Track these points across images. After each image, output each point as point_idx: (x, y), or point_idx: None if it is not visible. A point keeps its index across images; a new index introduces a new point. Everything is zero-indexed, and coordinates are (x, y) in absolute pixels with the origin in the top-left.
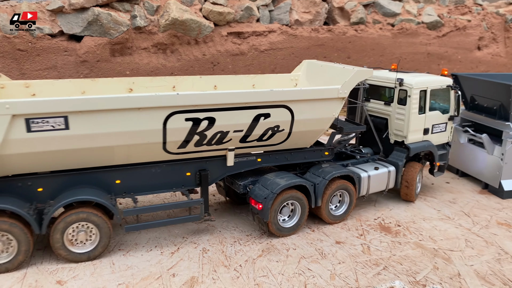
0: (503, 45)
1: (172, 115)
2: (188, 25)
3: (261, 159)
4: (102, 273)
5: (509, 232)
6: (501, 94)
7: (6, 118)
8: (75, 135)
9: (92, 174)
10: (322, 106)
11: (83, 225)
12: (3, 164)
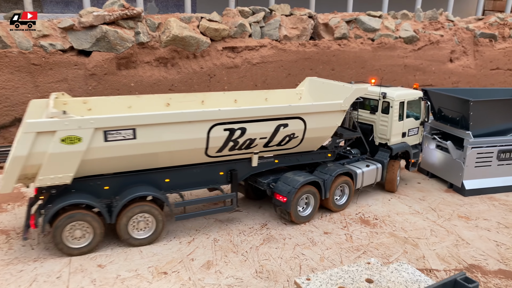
0: (473, 58)
1: (214, 126)
2: (188, 41)
3: (278, 161)
4: (133, 258)
5: (467, 223)
6: (462, 107)
7: (90, 131)
8: (140, 143)
9: (147, 175)
10: (328, 117)
11: (142, 215)
12: (84, 167)
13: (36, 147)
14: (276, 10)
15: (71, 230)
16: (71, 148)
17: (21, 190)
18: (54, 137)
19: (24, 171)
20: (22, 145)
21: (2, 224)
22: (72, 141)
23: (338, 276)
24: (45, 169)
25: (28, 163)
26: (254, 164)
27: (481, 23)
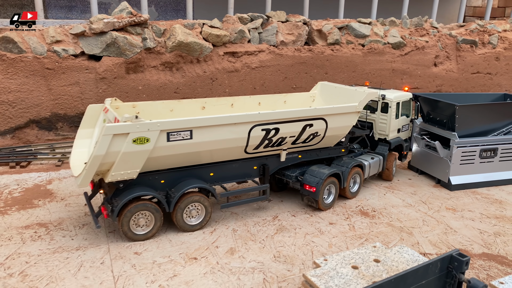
0: (455, 62)
1: (254, 127)
2: (192, 46)
3: (301, 156)
4: (164, 246)
5: (454, 214)
6: (449, 111)
7: (157, 133)
8: (195, 143)
9: (195, 170)
10: (345, 117)
11: (194, 204)
12: (148, 164)
13: (112, 147)
14: (273, 17)
15: (136, 218)
16: (140, 147)
17: (47, 187)
18: (127, 138)
19: (100, 168)
20: (102, 145)
21: (39, 218)
22: (142, 141)
23: (350, 257)
24: (117, 166)
25: (104, 161)
26: (282, 159)
27: (462, 30)
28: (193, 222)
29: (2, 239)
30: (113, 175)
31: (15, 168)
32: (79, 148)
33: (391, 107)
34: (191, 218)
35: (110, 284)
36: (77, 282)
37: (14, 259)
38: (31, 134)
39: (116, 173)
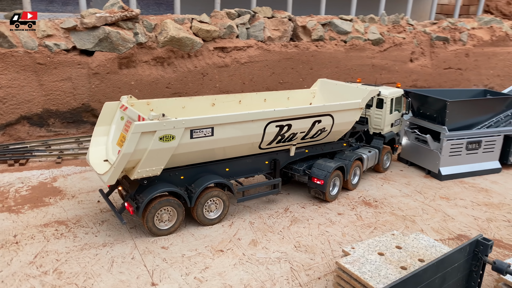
0: (429, 58)
1: (269, 123)
2: (184, 42)
3: (308, 151)
4: (188, 240)
5: (448, 203)
6: (439, 106)
7: (182, 130)
8: (216, 139)
9: (212, 165)
10: (350, 113)
11: (212, 199)
12: (172, 160)
13: (140, 145)
14: (259, 13)
15: (159, 214)
16: (166, 145)
17: (53, 185)
18: (154, 136)
19: (126, 166)
20: (130, 143)
21: (56, 216)
22: (167, 139)
23: (374, 245)
24: (144, 163)
25: (132, 158)
26: (292, 154)
27: (435, 27)
28: (212, 216)
29: (24, 237)
30: (139, 172)
31: (14, 166)
32: (96, 146)
33: (386, 103)
34: (210, 213)
35: (147, 278)
36: (114, 277)
37: (43, 257)
38: (22, 130)
39: (142, 170)
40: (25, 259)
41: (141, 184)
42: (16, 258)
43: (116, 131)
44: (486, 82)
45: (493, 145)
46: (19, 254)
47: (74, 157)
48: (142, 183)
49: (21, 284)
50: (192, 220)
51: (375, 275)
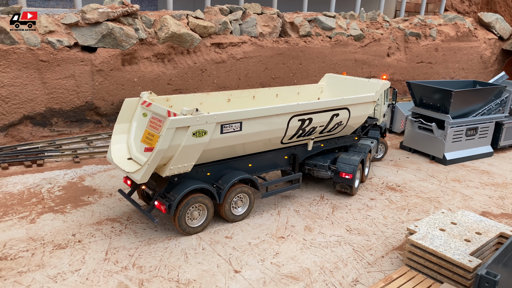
0: (404, 53)
1: (292, 117)
2: (184, 38)
3: (323, 145)
4: (246, 229)
5: (460, 184)
6: (444, 96)
7: (213, 125)
8: (244, 134)
9: (236, 161)
10: (364, 107)
11: (239, 195)
12: (203, 156)
13: (174, 141)
14: (249, 9)
15: (190, 211)
16: (199, 140)
17: (84, 184)
18: (188, 131)
19: (159, 163)
20: (165, 139)
21: (104, 214)
22: (200, 134)
23: (432, 222)
24: (176, 159)
25: (165, 155)
26: (310, 148)
27: (407, 23)
28: (239, 212)
29: (84, 236)
30: (171, 169)
31: (32, 167)
32: (117, 143)
33: (381, 94)
34: (237, 208)
35: (227, 266)
36: (196, 268)
37: (114, 253)
38: (25, 131)
39: (175, 166)
40: (97, 256)
41: (171, 182)
42: (88, 256)
43: (138, 128)
44: (452, 75)
45: (486, 131)
46: (88, 252)
47: (90, 156)
48: (172, 181)
49: (108, 280)
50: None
51: (447, 248)
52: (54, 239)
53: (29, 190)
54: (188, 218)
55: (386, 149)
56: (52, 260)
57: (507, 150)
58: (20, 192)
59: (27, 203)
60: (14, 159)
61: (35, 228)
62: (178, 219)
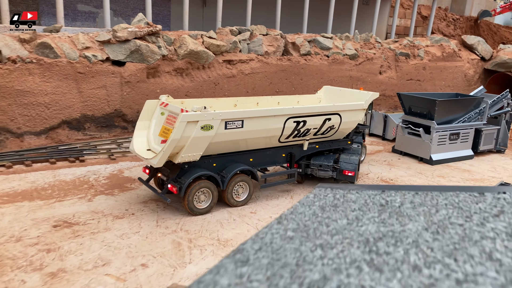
0: (395, 71)
1: (288, 119)
2: (201, 55)
3: (318, 146)
4: (267, 208)
5: (445, 179)
6: (429, 105)
7: (218, 121)
8: (245, 131)
9: (239, 155)
10: (354, 113)
11: (240, 184)
12: (208, 148)
13: (185, 132)
14: (255, 30)
15: (197, 195)
16: (206, 133)
17: (124, 175)
18: (197, 125)
19: (173, 151)
20: (178, 130)
21: (147, 196)
22: (207, 128)
23: None
24: (187, 149)
25: (178, 144)
26: (305, 149)
27: (397, 44)
28: (240, 199)
29: (135, 211)
30: (182, 157)
31: (75, 162)
32: (138, 137)
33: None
34: (239, 195)
35: (255, 231)
36: (231, 231)
37: (163, 222)
38: (63, 134)
39: (185, 155)
40: (150, 223)
41: (182, 168)
42: (142, 223)
43: (156, 124)
44: (439, 92)
45: (467, 136)
46: (141, 221)
47: (122, 154)
48: (183, 167)
49: (164, 239)
50: (258, 198)
51: None
52: (111, 212)
53: (79, 179)
54: (195, 201)
55: (365, 152)
56: (115, 225)
57: (486, 154)
58: (72, 180)
59: (81, 188)
60: (60, 155)
61: (93, 205)
62: (187, 201)
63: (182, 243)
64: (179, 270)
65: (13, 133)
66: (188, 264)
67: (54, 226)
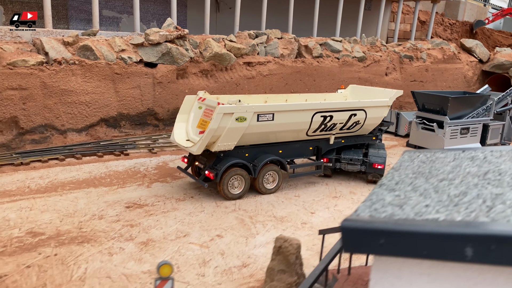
0: (399, 73)
1: (316, 114)
2: (224, 57)
3: (344, 141)
4: (307, 193)
5: None
6: (442, 102)
7: (251, 114)
8: (275, 123)
9: (269, 147)
10: (379, 110)
11: (270, 173)
12: (243, 139)
13: (221, 123)
14: (270, 34)
15: (231, 182)
16: (240, 124)
17: (169, 166)
18: (232, 117)
19: (210, 140)
20: (215, 121)
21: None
22: (241, 120)
23: None
24: (223, 138)
25: (215, 134)
26: (331, 142)
27: (401, 47)
28: (270, 187)
29: (193, 194)
30: (219, 146)
31: (120, 156)
32: (178, 129)
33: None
34: (268, 184)
35: (304, 210)
36: (283, 210)
37: (222, 203)
38: (101, 131)
39: (221, 144)
40: (211, 204)
41: (218, 157)
42: (204, 204)
43: (194, 117)
44: None
45: (476, 130)
46: (202, 202)
47: (161, 149)
48: (219, 156)
49: (227, 216)
50: (294, 185)
51: None
52: (172, 196)
53: (130, 170)
54: (230, 187)
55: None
56: (180, 206)
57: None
58: (124, 171)
59: (135, 177)
60: (105, 149)
61: (153, 190)
62: (223, 186)
63: (244, 219)
64: (250, 239)
65: (57, 130)
66: (257, 235)
67: (127, 207)
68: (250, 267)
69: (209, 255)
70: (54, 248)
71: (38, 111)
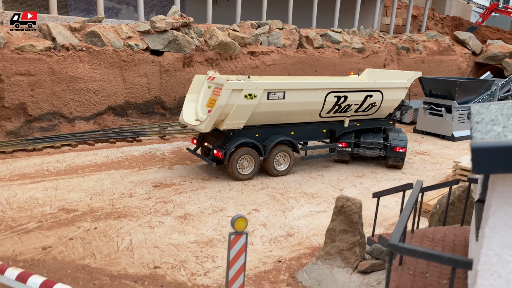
0: (397, 64)
1: (329, 93)
2: (229, 46)
3: (359, 124)
4: (331, 172)
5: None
6: (450, 86)
7: (261, 91)
8: (286, 102)
9: (280, 128)
10: (396, 92)
11: (280, 154)
12: (252, 118)
13: (230, 100)
14: (271, 24)
15: (240, 162)
16: (249, 102)
17: (183, 152)
18: (241, 93)
19: (218, 118)
20: (223, 97)
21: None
22: (251, 97)
23: (468, 159)
24: (231, 116)
25: (223, 111)
26: (346, 125)
27: (398, 39)
28: (281, 169)
29: (217, 175)
30: (227, 124)
31: (133, 142)
32: (187, 109)
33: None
34: (280, 165)
35: (332, 187)
36: (311, 188)
37: (248, 182)
38: (108, 119)
39: (230, 122)
40: (237, 183)
41: (227, 136)
42: (231, 183)
43: (204, 97)
44: None
45: None
46: (228, 181)
47: (172, 136)
48: (228, 135)
49: (257, 193)
50: (314, 166)
51: None
52: (197, 176)
53: (147, 154)
54: (239, 167)
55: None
56: (208, 185)
57: None
58: (141, 155)
59: (154, 160)
60: (117, 136)
61: (176, 172)
62: (231, 166)
63: (276, 196)
64: (288, 212)
65: (65, 117)
66: (292, 209)
67: (154, 186)
68: (295, 236)
69: (250, 226)
70: (91, 222)
71: (46, 98)
